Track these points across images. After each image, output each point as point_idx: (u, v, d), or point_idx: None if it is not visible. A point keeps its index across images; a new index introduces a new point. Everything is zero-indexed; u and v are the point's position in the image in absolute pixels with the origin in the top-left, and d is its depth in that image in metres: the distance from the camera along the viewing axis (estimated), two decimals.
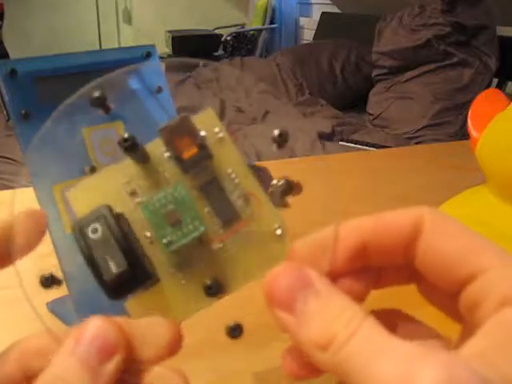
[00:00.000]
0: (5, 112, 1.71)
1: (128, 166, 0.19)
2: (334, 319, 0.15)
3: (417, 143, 1.72)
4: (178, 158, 0.18)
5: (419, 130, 1.79)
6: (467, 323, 0.17)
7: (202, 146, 0.18)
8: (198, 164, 0.18)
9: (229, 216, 0.18)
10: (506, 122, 0.38)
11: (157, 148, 0.19)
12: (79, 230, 0.17)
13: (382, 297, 0.20)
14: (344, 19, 2.80)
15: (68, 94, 0.38)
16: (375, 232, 0.17)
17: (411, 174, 0.64)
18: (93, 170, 0.35)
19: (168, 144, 0.18)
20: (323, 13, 2.95)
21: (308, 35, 3.18)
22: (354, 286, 0.18)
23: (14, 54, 2.76)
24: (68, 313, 0.34)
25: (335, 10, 3.03)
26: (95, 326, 0.16)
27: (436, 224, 0.17)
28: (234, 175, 0.18)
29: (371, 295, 0.19)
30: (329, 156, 0.73)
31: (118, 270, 0.16)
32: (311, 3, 3.27)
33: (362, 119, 2.04)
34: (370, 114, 2.02)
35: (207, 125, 0.19)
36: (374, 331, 0.14)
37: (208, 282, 0.18)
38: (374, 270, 0.19)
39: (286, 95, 2.17)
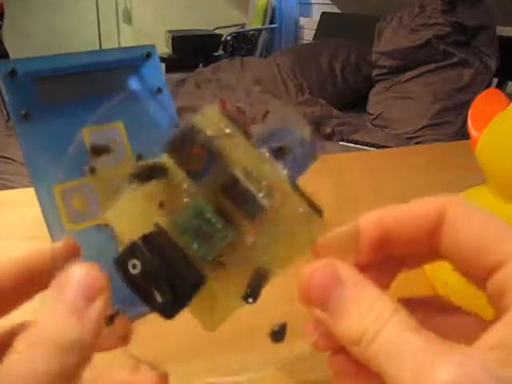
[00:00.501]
0: (5, 112, 1.71)
1: (152, 185, 0.19)
2: (365, 314, 0.15)
3: (417, 143, 1.72)
4: (190, 173, 0.18)
5: (419, 129, 1.79)
6: (496, 308, 0.17)
7: (211, 150, 0.18)
8: (211, 169, 0.18)
9: (254, 210, 0.18)
10: (506, 121, 0.38)
11: (169, 161, 0.19)
12: (120, 267, 0.18)
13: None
14: (344, 19, 2.80)
15: (68, 94, 0.38)
16: (397, 223, 0.18)
17: (411, 174, 0.64)
18: (92, 170, 0.35)
19: (177, 162, 0.18)
20: (323, 13, 2.95)
21: (308, 35, 3.18)
22: (378, 275, 0.18)
23: (14, 54, 2.76)
24: None
25: (335, 9, 3.03)
26: (77, 271, 0.16)
27: (460, 212, 0.17)
28: (250, 168, 0.18)
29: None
30: (329, 156, 0.74)
31: (163, 300, 0.17)
32: (311, 3, 3.27)
33: (362, 119, 2.04)
34: (370, 114, 2.02)
35: (212, 123, 0.18)
36: (400, 327, 0.15)
37: (247, 280, 0.18)
38: (397, 258, 0.19)
39: (286, 95, 2.17)
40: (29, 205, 0.34)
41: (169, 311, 0.17)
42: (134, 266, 0.17)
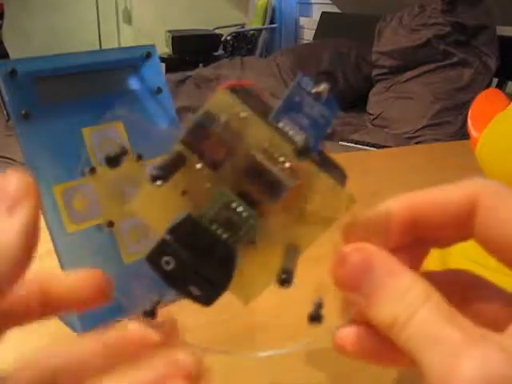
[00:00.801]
0: (5, 112, 1.71)
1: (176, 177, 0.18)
2: (397, 300, 0.15)
3: (417, 143, 1.72)
4: (209, 162, 0.18)
5: (419, 129, 1.79)
6: None
7: (228, 136, 0.17)
8: (231, 155, 0.17)
9: (278, 191, 0.17)
10: (506, 121, 0.38)
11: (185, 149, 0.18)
12: (154, 265, 0.17)
13: None
14: (344, 19, 2.80)
15: (68, 94, 0.38)
16: (428, 207, 0.17)
17: (411, 174, 0.64)
18: (92, 170, 0.35)
19: (195, 153, 0.18)
20: (323, 13, 2.95)
21: (308, 35, 3.18)
22: (407, 259, 0.18)
23: (14, 54, 2.76)
24: (73, 316, 0.34)
25: (335, 9, 3.03)
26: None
27: (495, 197, 0.17)
28: (271, 149, 0.17)
29: None
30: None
31: (201, 293, 0.17)
32: (311, 3, 3.27)
33: (362, 119, 2.04)
34: (370, 114, 2.02)
35: (225, 107, 0.17)
36: (431, 315, 0.15)
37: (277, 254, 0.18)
38: (423, 241, 0.19)
39: None
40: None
41: (207, 301, 0.18)
42: (168, 263, 0.17)
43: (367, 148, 1.61)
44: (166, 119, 0.39)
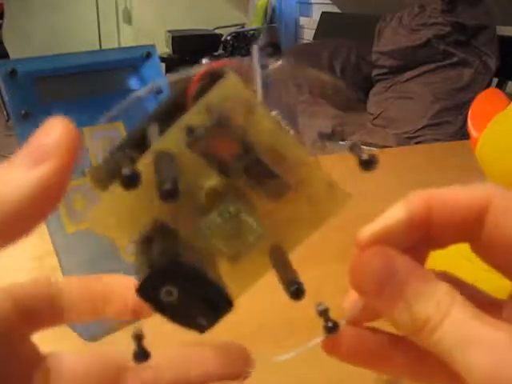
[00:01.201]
0: (5, 112, 1.71)
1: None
2: (425, 302, 0.15)
3: (417, 143, 1.72)
4: (221, 168, 0.16)
5: (419, 129, 1.79)
6: None
7: (243, 139, 0.15)
8: (239, 157, 0.16)
9: (279, 190, 0.17)
10: (506, 121, 0.38)
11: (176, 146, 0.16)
12: (149, 297, 0.15)
13: None
14: (344, 19, 2.80)
15: (68, 94, 0.38)
16: (444, 207, 0.17)
17: (411, 174, 0.64)
18: None
19: (204, 158, 0.16)
20: (323, 12, 2.95)
21: (308, 35, 3.18)
22: (414, 256, 0.18)
23: (14, 54, 2.76)
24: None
25: (335, 9, 3.02)
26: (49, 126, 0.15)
27: (506, 204, 0.17)
28: (273, 146, 0.16)
29: None
30: (329, 156, 0.73)
31: (208, 322, 0.16)
32: (311, 3, 3.27)
33: (362, 119, 2.04)
34: (370, 114, 2.02)
35: (232, 95, 0.15)
36: (464, 314, 0.15)
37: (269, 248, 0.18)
38: (428, 238, 0.19)
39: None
40: None
41: (209, 327, 0.16)
42: (169, 293, 0.15)
43: (367, 148, 1.61)
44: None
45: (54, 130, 0.15)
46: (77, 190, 0.34)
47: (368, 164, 0.17)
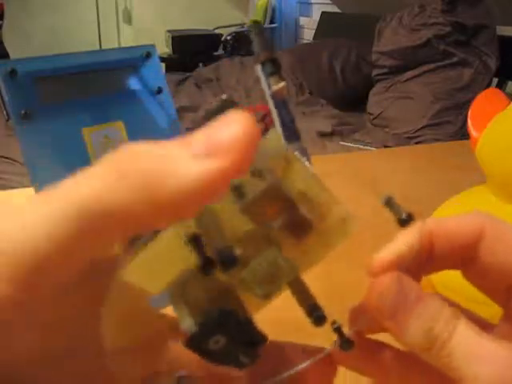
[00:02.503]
0: (5, 112, 1.71)
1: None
2: (433, 322, 0.17)
3: (417, 143, 1.72)
4: (260, 222, 0.17)
5: (419, 129, 1.79)
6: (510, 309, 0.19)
7: (288, 200, 0.17)
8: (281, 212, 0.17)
9: (304, 230, 0.18)
10: (506, 121, 0.38)
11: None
12: (199, 346, 0.16)
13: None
14: (344, 19, 2.80)
15: (68, 94, 0.38)
16: (446, 235, 0.19)
17: (411, 174, 0.64)
18: None
19: (253, 219, 0.17)
20: (323, 12, 2.95)
21: (308, 35, 3.18)
22: (414, 276, 0.19)
23: (14, 54, 2.76)
24: None
25: (335, 9, 3.03)
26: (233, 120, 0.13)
27: (497, 232, 0.18)
28: (307, 192, 0.17)
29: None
30: (329, 156, 0.74)
31: (249, 359, 0.17)
32: (311, 3, 3.27)
33: (362, 119, 2.04)
34: (370, 114, 2.02)
35: (275, 152, 0.16)
36: (469, 331, 0.16)
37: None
38: (424, 266, 0.20)
39: (286, 95, 2.17)
40: None
41: (252, 364, 0.17)
42: (217, 342, 0.16)
43: (367, 148, 1.61)
44: (166, 119, 0.39)
45: (235, 124, 0.13)
46: None
47: (405, 222, 0.18)
